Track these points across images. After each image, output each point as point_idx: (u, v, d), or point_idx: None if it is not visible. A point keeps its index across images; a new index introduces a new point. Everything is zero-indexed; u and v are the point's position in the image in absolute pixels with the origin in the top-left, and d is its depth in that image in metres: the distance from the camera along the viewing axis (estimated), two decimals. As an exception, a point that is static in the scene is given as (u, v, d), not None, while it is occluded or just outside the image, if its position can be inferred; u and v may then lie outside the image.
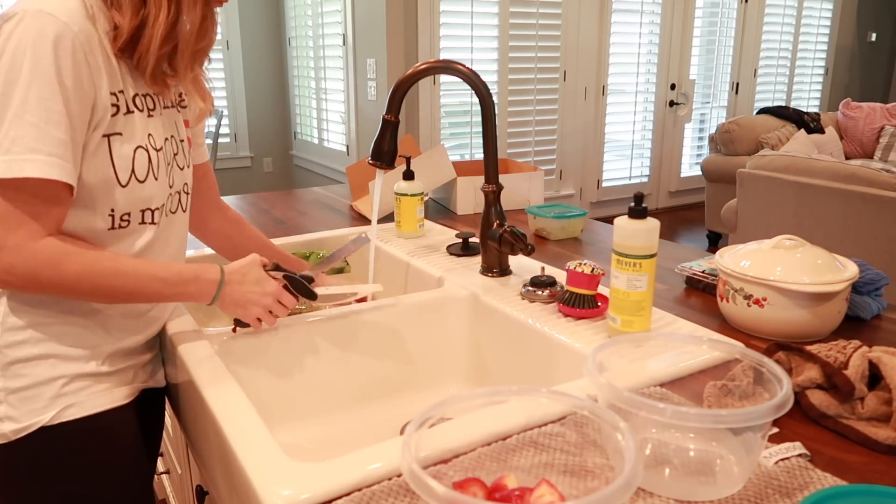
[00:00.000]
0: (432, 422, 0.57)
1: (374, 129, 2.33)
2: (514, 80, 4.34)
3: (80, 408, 0.88)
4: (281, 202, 1.84)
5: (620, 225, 0.89)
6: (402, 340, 1.11)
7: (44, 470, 0.87)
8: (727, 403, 0.70)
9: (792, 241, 0.97)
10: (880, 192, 2.73)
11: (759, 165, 3.20)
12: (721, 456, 0.64)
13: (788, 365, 0.81)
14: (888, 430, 0.70)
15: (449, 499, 0.46)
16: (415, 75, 1.12)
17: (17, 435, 0.85)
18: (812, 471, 0.65)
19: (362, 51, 4.05)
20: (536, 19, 4.32)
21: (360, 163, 1.77)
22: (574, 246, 1.43)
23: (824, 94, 6.16)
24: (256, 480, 0.62)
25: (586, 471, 0.62)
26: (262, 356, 1.00)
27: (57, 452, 0.87)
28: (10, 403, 0.84)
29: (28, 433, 0.85)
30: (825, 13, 5.88)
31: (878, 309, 1.04)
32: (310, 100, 4.89)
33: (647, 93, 5.10)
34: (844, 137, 4.89)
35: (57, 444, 0.87)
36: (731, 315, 1.00)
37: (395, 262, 1.36)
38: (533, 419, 0.71)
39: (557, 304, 1.03)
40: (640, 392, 0.78)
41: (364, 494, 0.61)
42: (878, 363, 0.74)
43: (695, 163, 5.50)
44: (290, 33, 4.99)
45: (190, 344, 0.93)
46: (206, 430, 0.82)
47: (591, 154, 4.93)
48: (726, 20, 5.34)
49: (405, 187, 1.42)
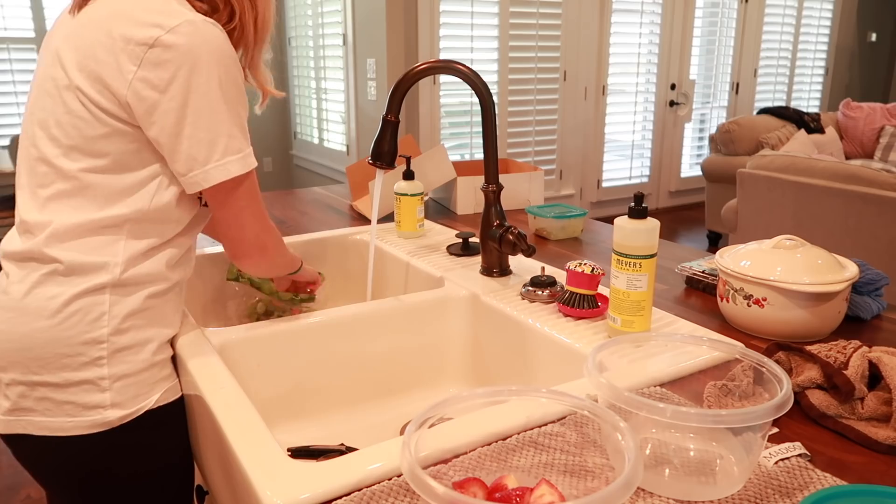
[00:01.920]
0: (432, 422, 0.57)
1: (374, 129, 2.33)
2: (514, 80, 4.34)
3: (173, 391, 0.92)
4: (281, 202, 1.84)
5: (620, 225, 0.89)
6: (402, 340, 1.11)
7: (139, 453, 0.91)
8: (727, 403, 0.70)
9: (792, 241, 0.97)
10: (880, 192, 2.73)
11: (759, 165, 3.20)
12: (721, 456, 0.64)
13: (788, 365, 0.81)
14: (888, 430, 0.70)
15: (449, 499, 0.46)
16: (415, 75, 1.12)
17: (122, 421, 0.87)
18: (812, 471, 0.65)
19: (362, 51, 4.05)
20: (536, 19, 4.32)
21: (360, 163, 1.77)
22: (574, 246, 1.43)
23: (824, 94, 6.16)
24: (256, 480, 0.62)
25: (586, 471, 0.62)
26: (262, 356, 1.00)
27: (153, 436, 0.91)
28: (116, 390, 0.86)
29: (132, 419, 0.87)
30: (825, 13, 5.88)
31: (878, 309, 1.04)
32: (310, 100, 4.89)
33: (648, 93, 5.10)
34: (844, 137, 4.89)
35: (157, 427, 0.91)
36: (731, 315, 1.00)
37: (395, 262, 1.36)
38: (533, 419, 0.71)
39: (557, 304, 1.03)
40: (640, 392, 0.78)
41: (364, 494, 0.61)
42: (878, 363, 0.74)
43: (695, 163, 5.50)
44: (290, 33, 4.99)
45: (190, 344, 0.93)
46: (206, 430, 0.82)
47: (592, 154, 4.93)
48: (726, 20, 5.34)
49: (405, 187, 1.42)
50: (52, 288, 0.85)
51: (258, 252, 0.96)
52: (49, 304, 0.84)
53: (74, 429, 0.85)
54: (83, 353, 0.84)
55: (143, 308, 0.88)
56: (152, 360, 0.89)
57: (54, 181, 0.86)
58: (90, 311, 0.85)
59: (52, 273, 0.85)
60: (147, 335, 0.89)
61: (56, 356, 0.84)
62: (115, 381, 0.86)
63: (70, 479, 0.90)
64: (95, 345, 0.85)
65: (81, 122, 0.84)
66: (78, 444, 0.86)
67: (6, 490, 2.06)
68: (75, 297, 0.84)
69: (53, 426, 0.85)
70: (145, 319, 0.89)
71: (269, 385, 1.02)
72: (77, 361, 0.84)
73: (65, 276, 0.85)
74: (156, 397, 0.89)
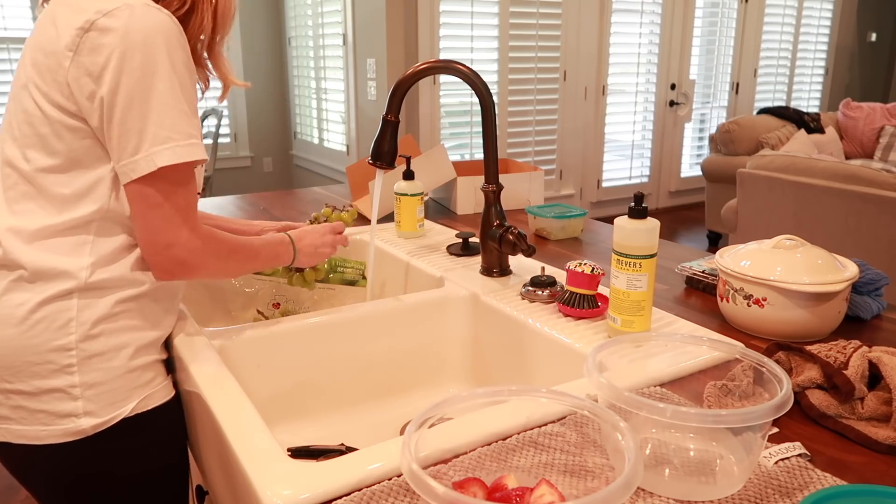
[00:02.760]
0: (432, 422, 0.57)
1: (374, 129, 2.33)
2: (514, 80, 4.34)
3: (154, 398, 0.89)
4: (281, 202, 1.84)
5: (620, 225, 0.89)
6: (403, 340, 1.11)
7: (120, 461, 0.88)
8: (727, 403, 0.70)
9: (792, 241, 0.97)
10: (880, 192, 2.73)
11: (759, 165, 3.20)
12: (721, 456, 0.64)
13: (788, 365, 0.81)
14: (888, 430, 0.70)
15: (449, 499, 0.46)
16: (415, 75, 1.11)
17: (97, 430, 0.85)
18: (812, 471, 0.65)
19: (362, 51, 4.05)
20: (536, 19, 4.31)
21: (360, 163, 1.77)
22: (574, 246, 1.43)
23: (824, 94, 6.16)
24: (256, 480, 0.62)
25: (586, 471, 0.62)
26: (262, 356, 1.00)
27: (133, 444, 0.88)
28: (88, 398, 0.84)
29: (108, 427, 0.85)
30: (825, 13, 5.88)
31: (878, 309, 1.04)
32: (310, 100, 4.89)
33: (647, 93, 5.10)
34: (844, 137, 4.89)
35: (134, 436, 0.88)
36: (731, 315, 1.00)
37: (395, 262, 1.36)
38: (533, 419, 0.71)
39: (557, 304, 1.03)
40: (640, 392, 0.78)
41: (364, 494, 0.61)
42: (878, 363, 0.74)
43: (695, 163, 5.50)
44: (290, 33, 4.99)
45: (190, 344, 0.93)
46: (206, 430, 0.82)
47: (592, 154, 4.93)
48: (726, 20, 5.34)
49: (405, 187, 1.42)
50: (19, 295, 0.82)
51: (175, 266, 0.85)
52: (16, 312, 0.82)
53: (49, 437, 0.83)
54: (52, 361, 0.82)
55: (115, 312, 0.85)
56: (128, 366, 0.86)
57: (17, 183, 0.84)
58: (57, 317, 0.82)
59: (19, 279, 0.82)
60: (121, 340, 0.86)
61: (25, 364, 0.82)
62: (88, 388, 0.83)
63: (55, 487, 0.89)
64: (64, 352, 0.82)
65: (34, 120, 0.82)
66: (58, 453, 0.85)
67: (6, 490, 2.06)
68: (41, 303, 0.82)
69: (30, 434, 0.83)
70: (118, 324, 0.85)
71: (269, 385, 1.02)
72: (46, 369, 0.82)
73: (30, 282, 0.82)
74: (132, 405, 0.86)
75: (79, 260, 0.83)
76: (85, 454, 0.86)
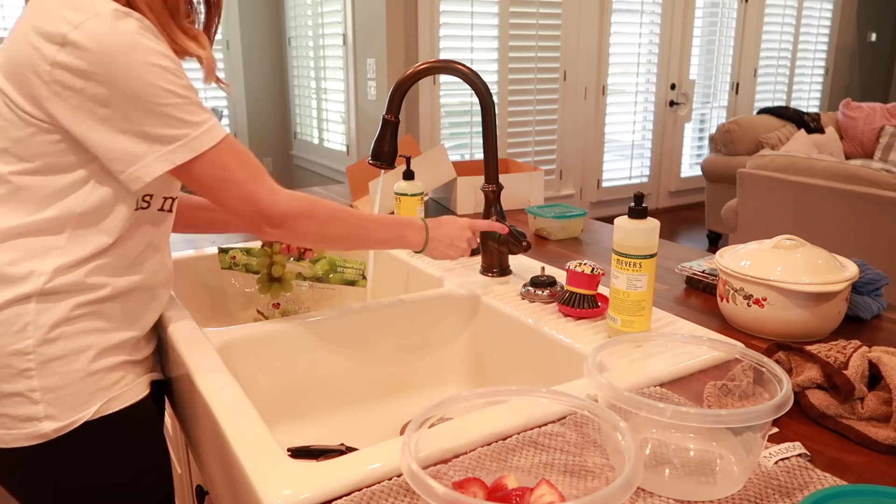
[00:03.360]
0: (432, 422, 0.57)
1: (374, 129, 2.33)
2: (514, 80, 4.34)
3: (120, 400, 0.88)
4: (281, 202, 1.84)
5: (620, 225, 0.89)
6: (403, 340, 1.11)
7: (89, 465, 0.88)
8: (727, 403, 0.70)
9: (792, 241, 0.97)
10: (880, 192, 2.73)
11: (759, 165, 3.20)
12: (721, 456, 0.64)
13: (788, 365, 0.81)
14: (888, 430, 0.70)
15: (449, 499, 0.46)
16: (415, 75, 1.11)
17: (59, 433, 0.84)
18: (812, 471, 0.65)
19: (362, 51, 4.05)
20: (536, 19, 4.31)
21: (360, 163, 1.77)
22: (574, 246, 1.43)
23: (824, 94, 6.16)
24: (256, 480, 0.62)
25: (586, 471, 0.62)
26: (261, 356, 1.00)
27: (101, 447, 0.88)
28: (49, 402, 0.83)
29: (70, 430, 0.85)
30: (825, 13, 5.88)
31: (878, 309, 1.04)
32: (310, 100, 4.89)
33: (647, 93, 5.10)
34: (844, 137, 4.89)
35: (101, 439, 0.87)
36: (731, 315, 1.00)
37: (395, 262, 1.36)
38: (533, 419, 0.71)
39: (557, 304, 1.03)
40: (640, 392, 0.78)
41: (364, 494, 0.61)
42: (878, 363, 0.74)
43: (695, 163, 5.49)
44: (290, 33, 4.99)
45: (190, 344, 0.93)
46: (206, 430, 0.82)
47: (591, 154, 4.93)
48: (726, 20, 5.34)
49: (405, 187, 1.42)
50: None
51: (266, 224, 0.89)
52: None
53: (14, 441, 0.83)
54: (11, 365, 0.82)
55: (74, 316, 0.84)
56: (89, 369, 0.85)
57: None
58: (14, 322, 0.81)
59: None
60: (82, 343, 0.85)
61: None
62: (48, 392, 0.83)
63: (32, 490, 0.88)
64: (22, 356, 0.82)
65: (7, 124, 0.81)
66: (28, 456, 0.84)
67: (6, 490, 2.06)
68: None
69: None
70: (78, 326, 0.85)
71: (268, 385, 1.01)
72: (6, 374, 0.82)
73: None
74: (95, 408, 0.86)
75: (41, 264, 0.82)
76: (56, 458, 0.85)
